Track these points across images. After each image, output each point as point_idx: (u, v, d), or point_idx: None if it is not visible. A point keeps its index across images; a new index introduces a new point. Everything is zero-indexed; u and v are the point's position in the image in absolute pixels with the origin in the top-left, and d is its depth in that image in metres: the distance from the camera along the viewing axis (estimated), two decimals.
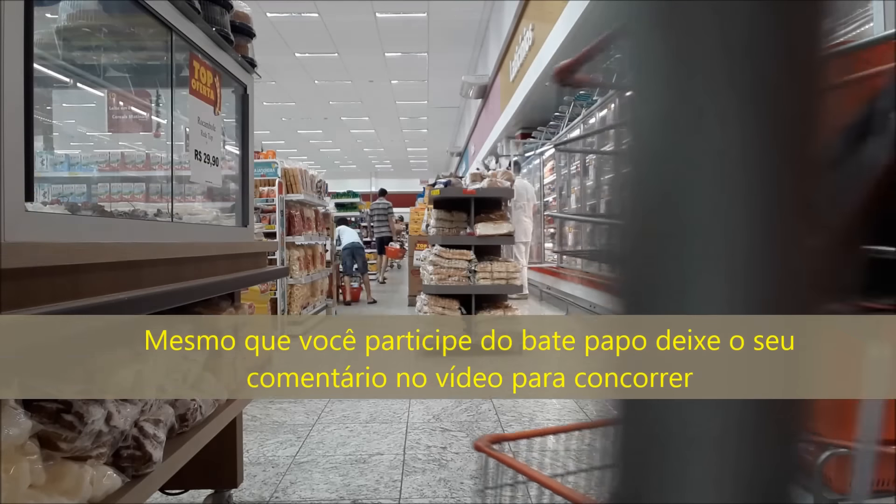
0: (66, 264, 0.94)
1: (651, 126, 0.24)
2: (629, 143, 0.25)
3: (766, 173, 0.22)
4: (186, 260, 1.42)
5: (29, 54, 0.91)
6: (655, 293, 0.24)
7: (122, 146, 3.58)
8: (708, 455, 0.23)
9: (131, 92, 2.48)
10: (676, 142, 0.23)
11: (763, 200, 0.22)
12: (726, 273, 0.23)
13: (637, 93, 0.24)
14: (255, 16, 2.18)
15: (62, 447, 0.96)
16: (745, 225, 0.23)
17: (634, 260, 0.25)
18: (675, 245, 0.23)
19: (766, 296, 0.23)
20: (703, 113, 0.22)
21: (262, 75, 1.79)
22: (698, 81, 0.22)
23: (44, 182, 3.32)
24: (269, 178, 5.55)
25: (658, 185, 0.23)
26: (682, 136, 0.23)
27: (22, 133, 0.89)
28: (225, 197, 2.47)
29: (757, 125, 0.22)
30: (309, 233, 6.14)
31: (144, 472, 1.16)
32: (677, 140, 0.23)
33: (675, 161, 0.23)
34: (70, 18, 1.74)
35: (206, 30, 1.68)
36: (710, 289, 0.23)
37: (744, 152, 0.22)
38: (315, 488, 2.27)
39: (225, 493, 1.95)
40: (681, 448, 0.23)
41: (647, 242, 0.24)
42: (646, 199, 0.24)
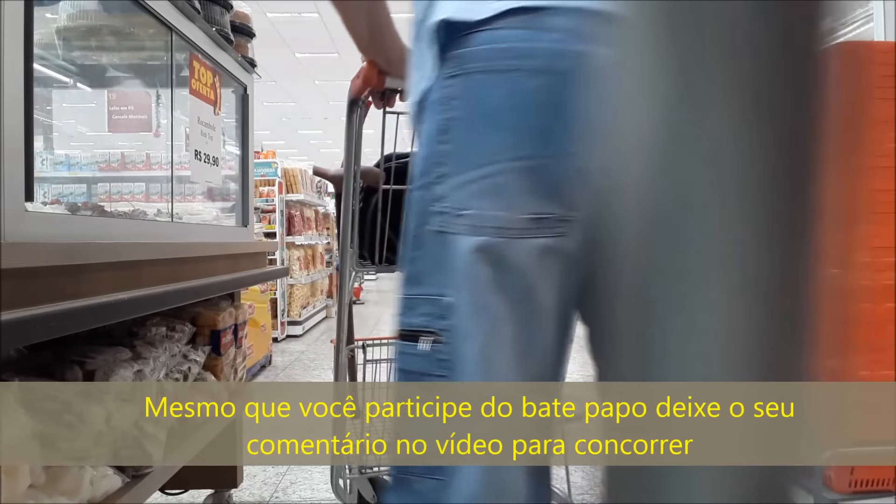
0: (66, 264, 0.94)
1: (651, 127, 0.24)
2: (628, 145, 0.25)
3: (767, 176, 0.22)
4: (186, 260, 1.42)
5: (29, 54, 0.91)
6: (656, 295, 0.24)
7: (122, 146, 3.58)
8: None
9: (131, 92, 2.48)
10: (676, 144, 0.23)
11: (765, 202, 0.22)
12: (727, 275, 0.23)
13: (637, 93, 0.24)
14: (255, 16, 2.18)
15: (62, 447, 0.96)
16: (747, 226, 0.23)
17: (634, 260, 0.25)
18: (676, 246, 0.23)
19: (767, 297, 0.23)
20: (703, 114, 0.22)
21: (262, 75, 1.79)
22: (699, 82, 0.22)
23: (44, 182, 3.32)
24: (269, 178, 5.55)
25: (658, 187, 0.23)
26: (682, 139, 0.23)
27: (22, 133, 0.89)
28: (225, 197, 2.47)
29: (758, 128, 0.22)
30: (309, 233, 6.14)
31: (144, 472, 1.16)
32: (677, 141, 0.23)
33: (675, 164, 0.23)
34: (70, 18, 1.74)
35: (206, 30, 1.68)
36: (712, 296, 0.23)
37: (745, 154, 0.22)
38: (315, 488, 2.27)
39: (225, 493, 1.94)
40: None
41: (646, 243, 0.24)
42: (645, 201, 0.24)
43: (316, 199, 6.54)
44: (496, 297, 0.65)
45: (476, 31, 0.65)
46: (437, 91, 0.68)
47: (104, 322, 1.12)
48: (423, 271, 0.69)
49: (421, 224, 0.68)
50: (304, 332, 5.83)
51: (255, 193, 4.25)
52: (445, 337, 0.66)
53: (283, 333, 5.53)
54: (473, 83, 0.65)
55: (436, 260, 0.67)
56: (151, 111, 2.54)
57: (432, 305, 0.67)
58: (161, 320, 1.49)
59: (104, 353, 1.17)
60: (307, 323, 6.00)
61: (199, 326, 1.64)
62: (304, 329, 5.83)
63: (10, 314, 0.77)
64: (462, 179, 0.65)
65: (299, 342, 5.49)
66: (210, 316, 1.68)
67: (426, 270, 0.68)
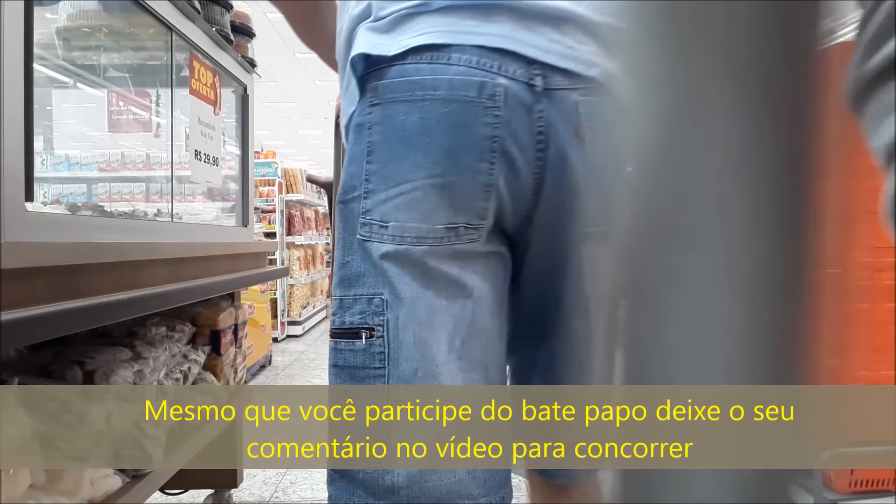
0: (66, 264, 0.94)
1: (650, 128, 0.24)
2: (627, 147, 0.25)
3: (769, 178, 0.22)
4: (186, 260, 1.42)
5: (29, 54, 0.91)
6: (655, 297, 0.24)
7: (122, 146, 3.58)
8: None
9: (131, 92, 2.48)
10: (676, 146, 0.23)
11: (766, 204, 0.22)
12: (727, 276, 0.23)
13: (636, 93, 0.24)
14: (255, 16, 2.18)
15: (62, 447, 0.96)
16: (747, 227, 0.23)
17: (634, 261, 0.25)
18: (675, 248, 0.23)
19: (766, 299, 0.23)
20: (703, 115, 0.22)
21: (262, 75, 1.79)
22: (699, 83, 0.22)
23: (44, 182, 3.33)
24: (269, 178, 5.55)
25: (657, 189, 0.23)
26: (682, 140, 0.23)
27: (22, 133, 0.89)
28: (225, 197, 2.47)
29: (760, 129, 0.22)
30: (309, 233, 6.14)
31: (144, 472, 1.16)
32: (677, 143, 0.23)
33: (675, 166, 0.23)
34: (70, 18, 1.74)
35: (206, 30, 1.68)
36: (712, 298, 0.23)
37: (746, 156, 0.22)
38: (315, 488, 2.27)
39: (225, 493, 1.95)
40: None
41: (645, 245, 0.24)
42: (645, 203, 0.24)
43: (316, 199, 6.54)
44: (424, 292, 0.74)
45: (390, 65, 0.75)
46: (361, 116, 0.77)
47: (104, 322, 1.12)
48: (356, 274, 0.77)
49: (351, 233, 0.77)
50: (304, 332, 5.83)
51: (255, 193, 4.25)
52: (380, 332, 0.75)
53: (283, 333, 5.53)
54: (390, 111, 0.74)
55: (367, 264, 0.76)
56: (151, 111, 2.54)
57: (367, 304, 0.76)
58: (161, 320, 1.49)
59: (104, 353, 1.18)
60: (307, 323, 6.00)
61: (199, 326, 1.64)
62: (304, 329, 5.84)
63: (10, 314, 0.77)
64: (385, 196, 0.75)
65: (299, 342, 5.49)
66: (210, 316, 1.68)
67: (359, 273, 0.77)
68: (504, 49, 0.74)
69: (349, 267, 0.77)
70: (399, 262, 0.74)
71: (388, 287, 0.75)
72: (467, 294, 0.76)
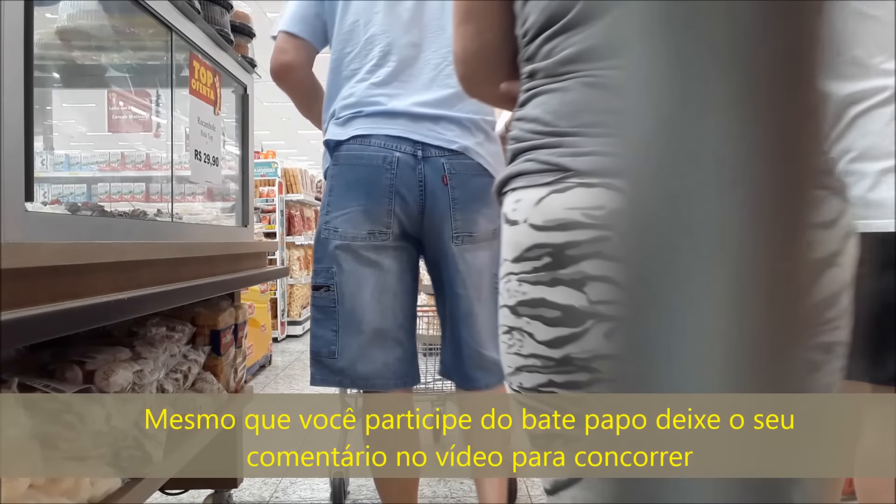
0: (66, 264, 0.94)
1: (650, 129, 0.24)
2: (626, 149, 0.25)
3: (766, 179, 0.22)
4: (186, 260, 1.42)
5: (29, 54, 0.91)
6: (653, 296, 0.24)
7: (123, 146, 3.58)
8: None
9: (131, 92, 2.48)
10: (675, 147, 0.23)
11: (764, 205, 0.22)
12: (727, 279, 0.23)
13: (636, 94, 0.24)
14: (255, 16, 2.18)
15: (62, 447, 0.96)
16: (745, 227, 0.23)
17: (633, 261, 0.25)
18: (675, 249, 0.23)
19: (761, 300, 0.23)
20: (703, 116, 0.22)
21: (262, 75, 1.79)
22: (699, 83, 0.22)
23: (44, 182, 3.32)
24: (269, 178, 5.55)
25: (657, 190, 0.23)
26: (682, 141, 0.23)
27: (22, 133, 0.89)
28: (225, 197, 2.47)
29: (757, 129, 0.22)
30: (309, 233, 6.14)
31: (144, 472, 1.16)
32: (677, 144, 0.23)
33: (675, 166, 0.23)
34: (70, 18, 1.74)
35: (206, 30, 1.68)
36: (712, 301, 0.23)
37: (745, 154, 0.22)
38: (315, 488, 2.27)
39: (225, 493, 1.95)
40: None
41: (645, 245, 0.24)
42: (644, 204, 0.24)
43: (316, 199, 6.54)
44: (357, 266, 1.39)
45: (342, 144, 1.40)
46: (331, 170, 1.42)
47: (104, 322, 1.12)
48: (321, 257, 1.42)
49: (320, 233, 1.43)
50: (304, 332, 5.82)
51: (255, 193, 4.25)
52: (333, 288, 1.40)
53: (283, 333, 5.53)
54: (342, 170, 1.40)
55: (326, 251, 1.41)
56: (151, 111, 2.54)
57: (326, 273, 1.41)
58: (161, 320, 1.49)
59: (104, 353, 1.18)
60: (307, 323, 5.99)
61: (199, 326, 1.64)
62: (304, 329, 5.83)
63: (10, 314, 0.77)
64: (337, 214, 1.39)
65: (299, 342, 5.49)
66: (210, 316, 1.68)
67: (322, 256, 1.42)
68: (400, 136, 1.36)
69: (318, 252, 1.43)
70: (343, 250, 1.39)
71: (336, 264, 1.40)
72: (381, 268, 1.40)
